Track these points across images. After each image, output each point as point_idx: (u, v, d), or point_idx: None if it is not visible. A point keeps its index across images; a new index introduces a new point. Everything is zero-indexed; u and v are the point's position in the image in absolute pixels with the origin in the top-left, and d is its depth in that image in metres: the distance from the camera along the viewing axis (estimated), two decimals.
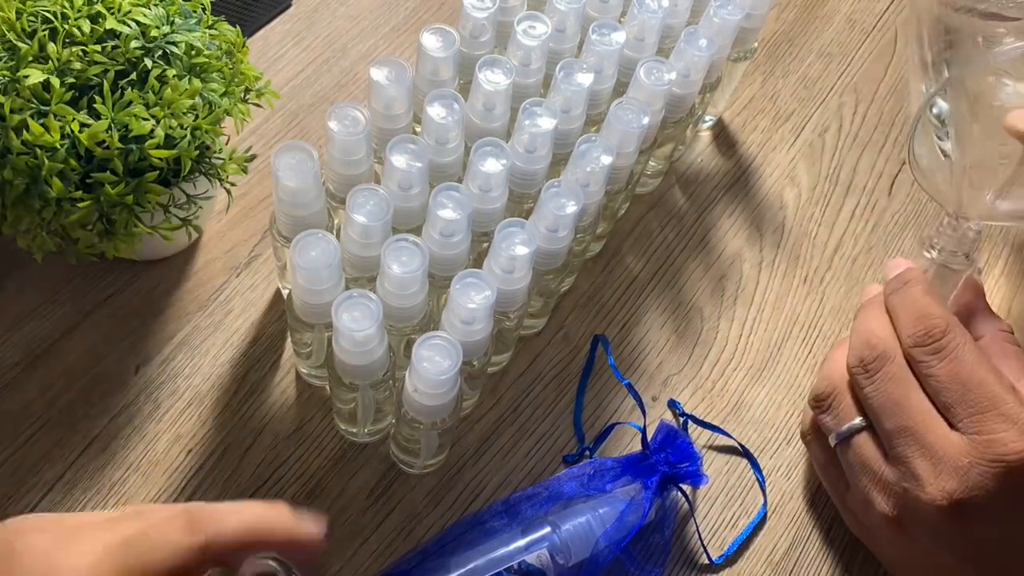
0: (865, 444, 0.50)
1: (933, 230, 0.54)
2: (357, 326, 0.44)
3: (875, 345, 0.50)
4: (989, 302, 0.55)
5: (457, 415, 0.50)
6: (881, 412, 0.49)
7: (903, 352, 0.49)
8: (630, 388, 0.59)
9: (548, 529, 0.51)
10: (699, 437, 0.59)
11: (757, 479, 0.58)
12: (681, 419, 0.60)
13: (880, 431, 0.49)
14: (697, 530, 0.56)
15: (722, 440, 0.59)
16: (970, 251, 0.53)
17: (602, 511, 0.52)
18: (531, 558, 0.50)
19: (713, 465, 0.59)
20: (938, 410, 0.47)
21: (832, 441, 0.52)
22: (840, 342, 0.55)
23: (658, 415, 0.60)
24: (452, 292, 0.46)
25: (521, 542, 0.51)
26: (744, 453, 0.59)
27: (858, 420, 0.50)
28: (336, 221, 0.54)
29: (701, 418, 0.60)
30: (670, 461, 0.54)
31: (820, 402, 0.53)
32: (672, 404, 0.60)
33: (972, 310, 0.54)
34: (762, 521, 0.57)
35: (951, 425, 0.47)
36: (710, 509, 0.57)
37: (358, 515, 0.54)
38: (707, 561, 0.55)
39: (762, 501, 0.58)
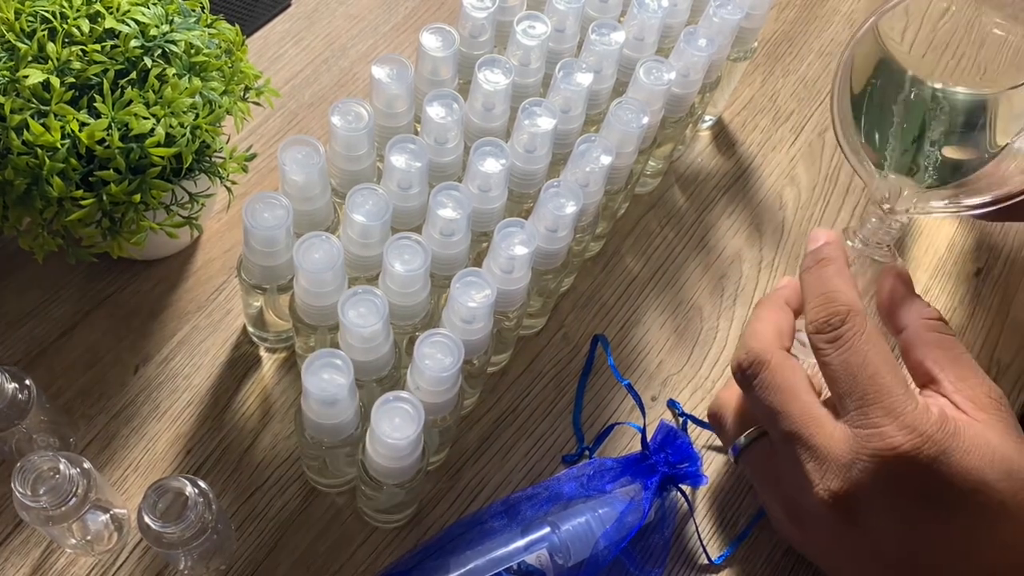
0: (757, 454, 0.49)
1: (858, 221, 0.52)
2: (364, 322, 0.44)
3: (751, 349, 0.48)
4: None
5: (458, 413, 0.50)
6: (768, 419, 0.47)
7: (807, 336, 0.48)
8: (630, 388, 0.59)
9: (548, 529, 0.51)
10: (699, 437, 0.59)
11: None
12: (681, 419, 0.60)
13: (772, 436, 0.48)
14: (696, 530, 0.56)
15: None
16: (892, 242, 0.52)
17: (602, 511, 0.52)
18: (531, 558, 0.50)
19: (712, 465, 0.59)
20: (833, 399, 0.46)
21: (730, 458, 0.52)
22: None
23: (658, 415, 0.60)
24: (452, 291, 0.46)
25: (521, 542, 0.51)
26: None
27: (746, 434, 0.50)
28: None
29: (700, 417, 0.60)
30: (670, 461, 0.54)
31: (712, 421, 0.53)
32: (672, 404, 0.60)
33: (898, 299, 0.50)
34: (762, 521, 0.57)
35: (840, 417, 0.45)
36: (710, 509, 0.57)
37: (358, 514, 0.54)
38: (707, 561, 0.55)
39: (755, 506, 0.57)
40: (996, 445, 0.43)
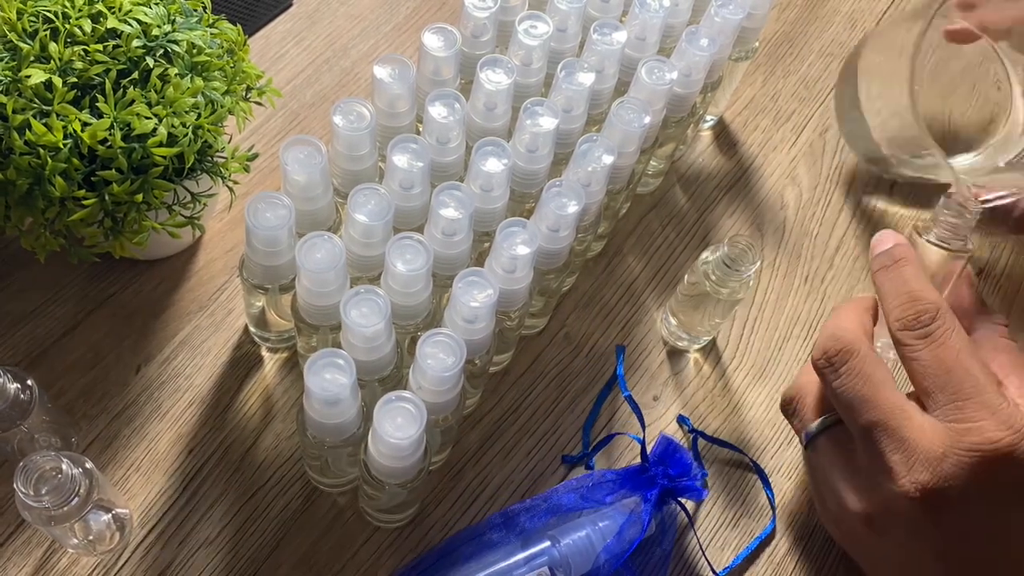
0: (831, 443, 0.49)
1: (931, 214, 0.54)
2: (366, 322, 0.44)
3: (840, 338, 0.48)
4: (991, 301, 0.54)
5: (460, 413, 0.50)
6: (851, 408, 0.47)
7: (890, 334, 0.48)
8: (631, 401, 0.59)
9: (548, 543, 0.51)
10: (707, 451, 0.59)
11: (767, 496, 0.58)
12: (690, 435, 0.59)
13: (851, 427, 0.48)
14: (698, 542, 0.56)
15: (726, 438, 0.59)
16: (968, 234, 0.52)
17: (602, 525, 0.52)
18: (532, 575, 0.50)
19: (717, 469, 0.59)
20: (919, 395, 0.46)
21: (802, 443, 0.51)
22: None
23: (659, 415, 0.60)
24: (455, 290, 0.46)
25: (521, 556, 0.51)
26: (756, 470, 0.59)
27: (821, 420, 0.49)
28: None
29: (702, 418, 0.60)
30: (669, 474, 0.54)
31: (786, 407, 0.52)
32: (682, 420, 0.60)
33: (966, 303, 0.52)
34: (769, 537, 0.57)
35: (929, 412, 0.45)
36: (715, 521, 0.57)
37: (359, 514, 0.54)
38: (710, 574, 0.55)
39: (770, 516, 0.57)
40: None
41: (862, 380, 0.47)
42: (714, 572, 0.55)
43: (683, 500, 0.55)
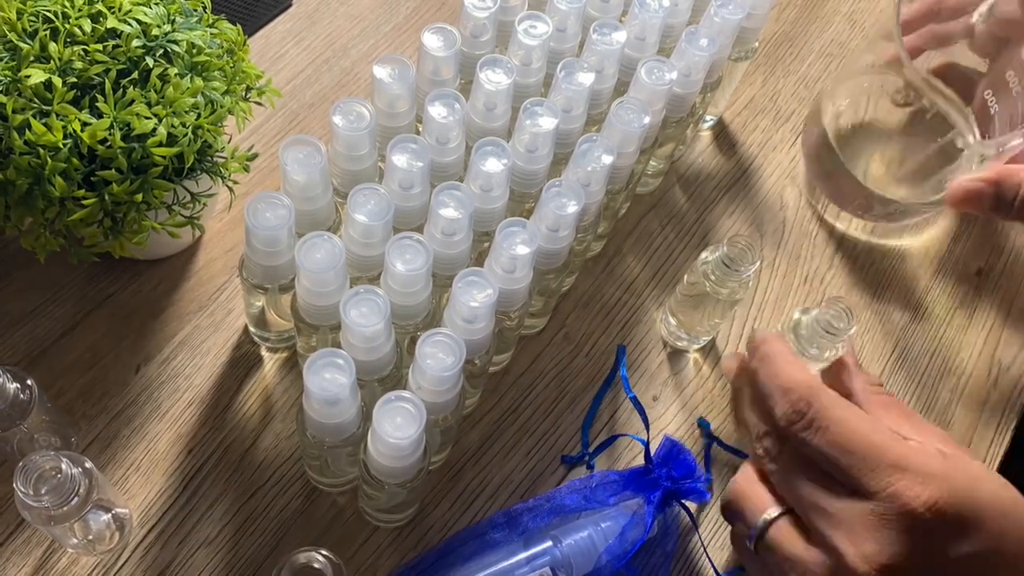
0: (781, 536, 0.46)
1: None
2: (366, 322, 0.44)
3: (758, 435, 0.48)
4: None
5: (459, 412, 0.50)
6: (789, 498, 0.46)
7: (781, 435, 0.47)
8: (635, 403, 0.59)
9: (550, 543, 0.51)
10: (716, 456, 0.59)
11: None
12: (704, 440, 0.59)
13: (798, 517, 0.46)
14: (702, 544, 0.56)
15: (725, 438, 0.59)
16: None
17: (604, 525, 0.52)
18: (533, 575, 0.50)
19: (718, 469, 0.59)
20: (837, 483, 0.45)
21: (752, 543, 0.48)
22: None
23: (658, 415, 0.60)
24: (454, 290, 0.46)
25: (523, 555, 0.51)
26: None
27: (766, 514, 0.47)
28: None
29: (702, 416, 0.60)
30: (673, 476, 0.53)
31: (728, 511, 0.50)
32: (701, 423, 0.60)
33: (840, 367, 0.52)
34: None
35: (854, 493, 0.44)
36: (714, 520, 0.57)
37: (359, 514, 0.54)
38: (713, 575, 0.55)
39: None
40: (987, 473, 0.45)
41: (783, 470, 0.46)
42: (717, 573, 0.55)
43: (686, 502, 0.55)
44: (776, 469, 0.47)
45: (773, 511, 0.47)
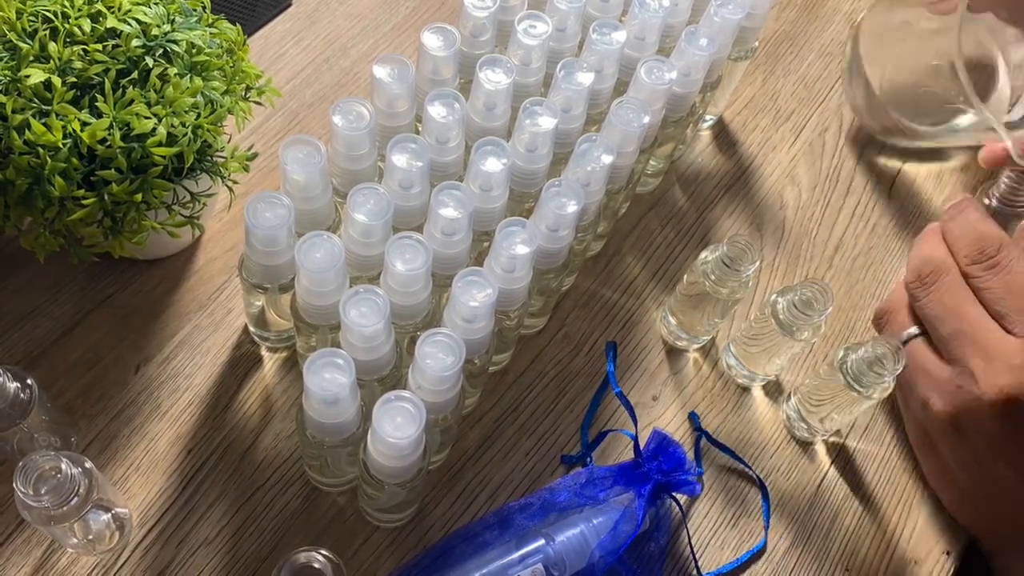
0: (920, 349, 0.54)
1: (994, 183, 0.62)
2: (365, 322, 0.44)
3: (930, 260, 0.55)
4: None
5: (459, 412, 0.50)
6: (937, 319, 0.53)
7: (959, 269, 0.54)
8: (621, 397, 0.59)
9: (542, 541, 0.51)
10: (706, 451, 0.59)
11: (763, 510, 0.57)
12: (695, 433, 0.59)
13: (936, 338, 0.53)
14: (689, 541, 0.56)
15: (725, 438, 0.59)
16: None
17: (596, 521, 0.52)
18: (525, 574, 0.50)
19: (718, 468, 0.59)
20: (996, 321, 0.51)
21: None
22: (900, 280, 0.60)
23: (660, 415, 0.60)
24: (454, 290, 0.46)
25: (515, 555, 0.51)
26: (759, 484, 0.58)
27: (912, 330, 0.55)
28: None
29: (701, 417, 0.60)
30: (663, 469, 0.54)
31: (877, 320, 0.59)
32: (692, 417, 0.60)
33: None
34: (760, 553, 0.56)
35: (1010, 332, 0.50)
36: (714, 520, 0.57)
37: (359, 514, 0.54)
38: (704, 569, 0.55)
39: (763, 526, 0.57)
40: None
41: (950, 294, 0.53)
42: (698, 570, 0.55)
43: (678, 496, 0.55)
44: (934, 297, 0.54)
45: (914, 329, 0.55)
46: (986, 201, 0.63)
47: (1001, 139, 0.59)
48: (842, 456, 0.60)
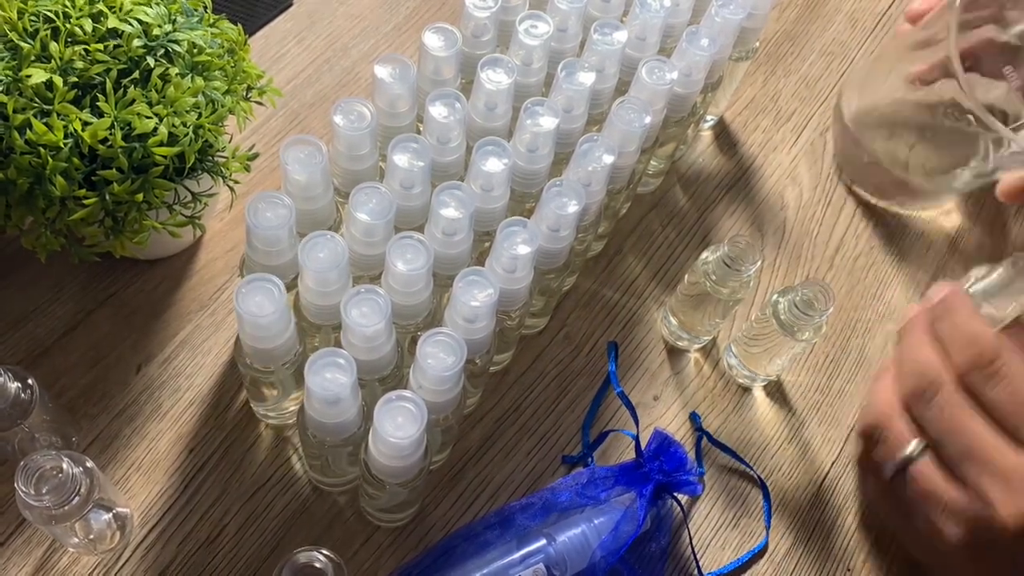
0: (926, 471, 0.48)
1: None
2: (366, 321, 0.44)
3: (927, 372, 0.49)
4: None
5: (460, 412, 0.50)
6: (945, 437, 0.48)
7: (957, 380, 0.48)
8: (623, 397, 0.59)
9: (543, 541, 0.51)
10: (707, 451, 0.59)
11: (764, 510, 0.58)
12: (696, 433, 0.59)
13: (944, 457, 0.48)
14: (690, 541, 0.56)
15: (726, 438, 0.59)
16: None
17: (597, 521, 0.52)
18: (526, 574, 0.50)
19: (719, 468, 0.59)
20: (1006, 436, 0.46)
21: (888, 472, 0.50)
22: (880, 372, 0.54)
23: (660, 414, 0.60)
24: (455, 290, 0.46)
25: (516, 555, 0.51)
26: (760, 484, 0.58)
27: (911, 447, 0.49)
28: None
29: (702, 417, 0.60)
30: (664, 470, 0.54)
31: (869, 434, 0.52)
32: (693, 417, 0.60)
33: (1019, 329, 0.52)
34: (761, 553, 0.56)
35: (1021, 445, 0.46)
36: (715, 520, 0.57)
37: (359, 513, 0.54)
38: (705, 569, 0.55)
39: (764, 526, 0.57)
40: None
41: (954, 409, 0.47)
42: (700, 571, 0.55)
43: (679, 496, 0.55)
44: (936, 414, 0.48)
45: (918, 445, 0.49)
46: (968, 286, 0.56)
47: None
48: (843, 456, 0.60)
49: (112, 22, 0.49)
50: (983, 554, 0.47)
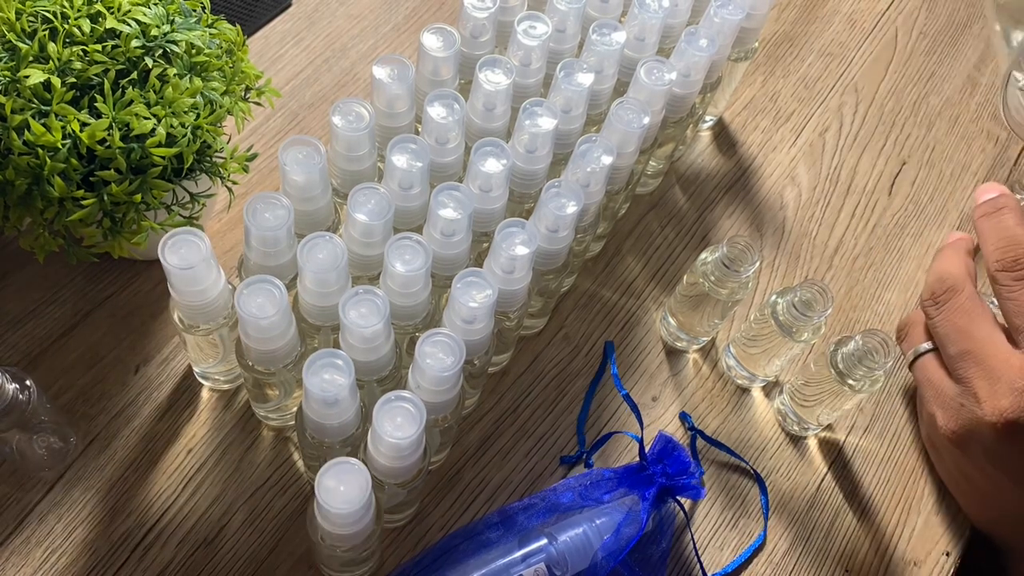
0: (930, 364, 0.55)
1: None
2: (365, 322, 0.44)
3: (945, 280, 0.54)
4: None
5: (459, 413, 0.50)
6: (946, 339, 0.53)
7: (988, 273, 0.53)
8: (628, 399, 0.59)
9: (545, 541, 0.51)
10: (706, 451, 0.59)
11: (762, 505, 0.58)
12: (689, 433, 0.59)
13: (945, 357, 0.54)
14: (693, 543, 0.56)
15: (725, 438, 0.59)
16: None
17: (599, 521, 0.52)
18: (528, 573, 0.50)
19: (717, 469, 0.59)
20: (1010, 333, 0.51)
21: (909, 361, 0.57)
22: None
23: (659, 415, 0.60)
24: (454, 291, 0.46)
25: (517, 554, 0.51)
26: (755, 478, 0.59)
27: (924, 345, 0.56)
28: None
29: (701, 418, 0.60)
30: (668, 473, 0.54)
31: (898, 332, 0.59)
32: (683, 417, 0.60)
33: None
34: (760, 547, 0.57)
35: (1019, 347, 0.50)
36: (714, 521, 0.57)
37: None
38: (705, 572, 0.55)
39: (762, 525, 0.57)
40: None
41: (961, 314, 0.53)
42: (704, 574, 0.55)
43: (681, 499, 0.55)
44: (945, 317, 0.54)
45: (927, 345, 0.56)
46: (1018, 196, 0.60)
47: None
48: (842, 457, 0.60)
49: (110, 23, 0.49)
50: (966, 443, 0.52)
